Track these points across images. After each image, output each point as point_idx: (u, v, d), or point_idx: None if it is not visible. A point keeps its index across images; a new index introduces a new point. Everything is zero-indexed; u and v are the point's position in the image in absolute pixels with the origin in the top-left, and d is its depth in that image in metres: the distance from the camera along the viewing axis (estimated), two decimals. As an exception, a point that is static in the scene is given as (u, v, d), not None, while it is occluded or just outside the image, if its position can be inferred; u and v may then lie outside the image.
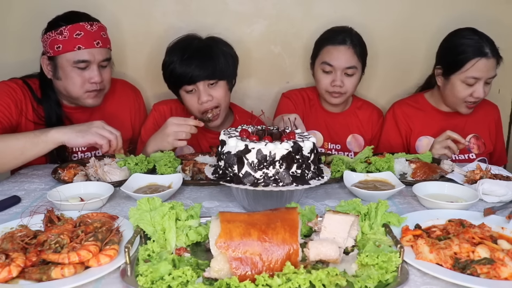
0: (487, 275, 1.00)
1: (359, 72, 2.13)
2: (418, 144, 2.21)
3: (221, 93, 1.97)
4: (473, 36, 1.98)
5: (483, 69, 1.94)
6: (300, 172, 1.27)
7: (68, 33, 1.80)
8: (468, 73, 1.95)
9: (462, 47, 1.97)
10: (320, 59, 2.13)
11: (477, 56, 1.93)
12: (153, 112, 2.18)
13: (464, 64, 1.95)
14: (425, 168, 1.71)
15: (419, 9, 2.42)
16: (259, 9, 2.41)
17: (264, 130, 1.37)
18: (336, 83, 2.09)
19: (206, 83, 1.93)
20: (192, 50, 1.93)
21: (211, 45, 1.98)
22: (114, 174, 1.62)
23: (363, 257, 1.00)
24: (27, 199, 1.50)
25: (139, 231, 1.13)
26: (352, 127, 2.31)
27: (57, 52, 1.82)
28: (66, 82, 1.88)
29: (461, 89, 2.00)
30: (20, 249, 1.05)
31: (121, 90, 2.18)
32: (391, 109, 2.30)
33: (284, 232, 1.00)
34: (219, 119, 2.02)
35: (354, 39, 2.10)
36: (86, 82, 1.87)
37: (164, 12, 2.37)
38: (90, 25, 1.84)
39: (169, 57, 1.97)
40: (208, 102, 1.94)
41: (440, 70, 2.07)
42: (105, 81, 1.94)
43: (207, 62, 1.91)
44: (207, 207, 1.44)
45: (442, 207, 1.38)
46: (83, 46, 1.82)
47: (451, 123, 2.13)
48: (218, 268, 0.97)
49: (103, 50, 1.88)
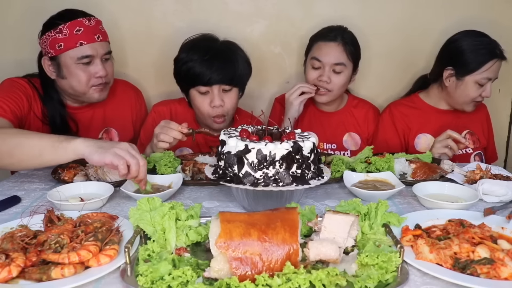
0: (487, 275, 1.00)
1: (348, 72, 2.12)
2: (417, 141, 2.24)
3: (232, 100, 1.97)
4: (483, 37, 2.05)
5: (496, 69, 2.04)
6: (300, 172, 1.27)
7: (68, 31, 1.79)
8: (484, 74, 2.01)
9: (478, 49, 2.02)
10: (311, 55, 2.14)
11: (494, 58, 2.00)
12: (152, 113, 2.17)
13: (483, 65, 2.00)
14: (425, 168, 1.71)
15: (419, 9, 2.42)
16: (259, 9, 2.41)
17: (264, 130, 1.37)
18: (323, 78, 2.09)
19: (222, 87, 1.92)
20: (214, 51, 1.90)
21: (232, 49, 1.97)
22: (114, 174, 1.62)
23: (363, 257, 1.00)
24: (27, 199, 1.50)
25: (139, 231, 1.13)
26: (348, 125, 2.30)
27: (59, 51, 1.81)
28: (71, 80, 1.87)
29: (474, 89, 2.05)
30: (20, 249, 1.05)
31: (122, 90, 2.17)
32: (387, 109, 2.32)
33: (284, 232, 1.00)
34: (225, 125, 2.00)
35: (346, 38, 2.10)
36: (92, 77, 1.87)
37: (164, 12, 2.37)
38: (88, 20, 1.84)
39: (187, 54, 1.93)
40: (220, 108, 1.93)
41: (452, 71, 2.09)
42: (109, 75, 1.94)
43: (228, 66, 1.90)
44: (207, 207, 1.44)
45: (442, 207, 1.38)
46: (85, 42, 1.81)
47: (448, 120, 2.19)
48: (218, 268, 0.97)
49: (104, 43, 1.88)
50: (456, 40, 2.10)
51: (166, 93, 2.37)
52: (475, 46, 2.03)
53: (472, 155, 2.23)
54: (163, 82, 2.42)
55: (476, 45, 2.03)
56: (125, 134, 2.15)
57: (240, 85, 1.99)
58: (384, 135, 2.28)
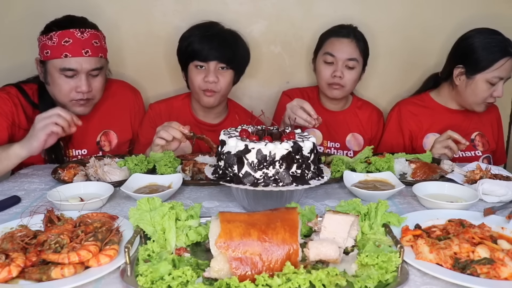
0: (487, 275, 1.00)
1: (360, 68, 2.16)
2: (426, 141, 2.22)
3: (226, 80, 2.03)
4: (497, 35, 2.00)
5: (508, 68, 1.99)
6: (300, 172, 1.27)
7: (57, 39, 1.78)
8: (496, 73, 1.97)
9: (490, 47, 1.98)
10: (323, 51, 2.16)
11: (506, 56, 1.96)
12: (149, 111, 2.20)
13: (494, 63, 1.96)
14: (425, 168, 1.71)
15: (419, 9, 2.42)
16: (259, 9, 2.41)
17: (264, 130, 1.37)
18: (337, 73, 2.11)
19: (218, 65, 1.99)
20: (215, 31, 2.01)
21: (234, 35, 2.07)
22: (114, 174, 1.62)
23: (363, 257, 1.00)
24: (27, 199, 1.50)
25: (139, 231, 1.13)
26: (352, 126, 2.31)
27: (46, 57, 1.81)
28: (53, 88, 1.85)
29: (485, 89, 2.02)
30: (20, 249, 1.05)
31: (120, 91, 2.16)
32: (396, 108, 2.29)
33: (284, 232, 1.00)
34: (214, 101, 2.07)
35: (358, 35, 2.15)
36: (73, 90, 1.83)
37: (164, 12, 2.37)
38: (81, 33, 1.79)
39: (190, 32, 2.03)
40: (213, 84, 1.99)
41: (462, 69, 2.06)
42: (94, 91, 1.88)
43: (226, 46, 1.99)
44: (207, 207, 1.44)
45: (442, 207, 1.38)
46: (70, 54, 1.78)
47: (458, 120, 2.17)
48: (218, 268, 0.97)
49: (93, 59, 1.82)
50: (468, 37, 2.06)
51: (165, 94, 2.37)
52: (487, 43, 1.98)
53: (480, 158, 2.20)
54: (162, 82, 2.42)
55: (488, 42, 1.98)
56: (123, 135, 2.14)
57: (236, 68, 2.07)
58: (389, 134, 2.28)
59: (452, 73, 2.10)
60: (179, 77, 2.18)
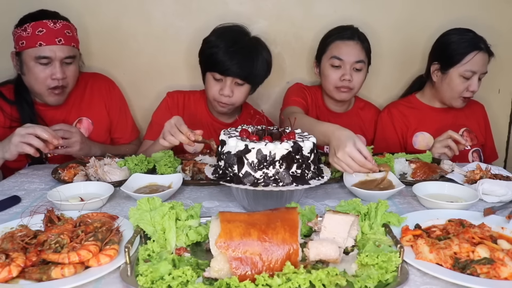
0: (487, 275, 1.00)
1: (366, 68, 2.18)
2: (415, 140, 2.28)
3: (242, 94, 2.06)
4: (469, 33, 2.11)
5: (480, 62, 2.05)
6: (300, 172, 1.27)
7: (31, 30, 1.85)
8: (467, 66, 2.05)
9: (461, 42, 2.08)
10: (329, 54, 2.15)
11: (475, 50, 2.05)
12: (166, 98, 2.23)
13: (464, 57, 2.05)
14: (425, 168, 1.71)
15: (419, 9, 2.42)
16: (259, 9, 2.40)
17: (264, 130, 1.37)
18: (346, 77, 2.12)
19: (235, 80, 2.00)
20: (240, 45, 1.98)
21: (258, 48, 2.05)
22: (114, 174, 1.62)
23: (363, 257, 1.00)
24: (27, 199, 1.50)
25: (139, 231, 1.13)
26: (355, 127, 2.31)
27: (21, 48, 1.88)
28: (29, 77, 1.92)
29: (459, 83, 2.09)
30: (20, 249, 1.05)
31: (92, 82, 2.20)
32: (386, 109, 2.36)
33: (284, 232, 1.00)
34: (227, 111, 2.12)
35: (361, 36, 2.16)
36: (48, 78, 1.90)
37: (164, 12, 2.37)
38: (53, 23, 1.87)
39: (216, 39, 2.01)
40: (227, 98, 2.02)
41: (438, 65, 2.16)
42: (68, 78, 1.95)
43: (247, 63, 1.98)
44: (207, 207, 1.44)
45: (442, 207, 1.38)
46: (44, 43, 1.85)
47: (445, 118, 2.24)
48: (218, 268, 0.97)
49: (66, 47, 1.90)
50: (444, 36, 2.17)
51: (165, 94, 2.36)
52: (459, 39, 2.09)
53: (470, 152, 2.26)
54: (162, 82, 2.42)
55: (461, 38, 2.09)
56: (99, 123, 2.18)
57: (253, 83, 2.08)
58: (383, 134, 2.31)
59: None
60: (179, 77, 2.19)
